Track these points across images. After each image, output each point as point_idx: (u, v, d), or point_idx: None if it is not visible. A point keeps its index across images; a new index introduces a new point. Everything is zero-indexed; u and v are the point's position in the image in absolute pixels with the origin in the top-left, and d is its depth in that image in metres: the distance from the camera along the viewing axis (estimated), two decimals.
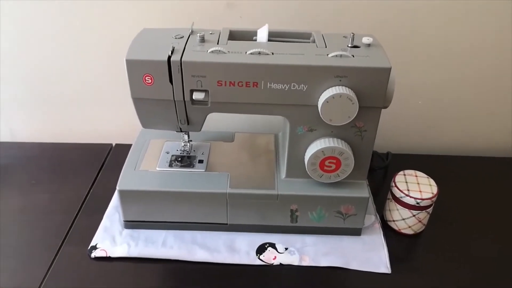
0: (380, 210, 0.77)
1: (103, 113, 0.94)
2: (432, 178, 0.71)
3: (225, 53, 0.59)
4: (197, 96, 0.60)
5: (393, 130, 0.93)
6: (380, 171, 0.88)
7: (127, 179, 0.68)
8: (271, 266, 0.66)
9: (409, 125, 0.94)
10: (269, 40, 0.64)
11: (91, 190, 0.81)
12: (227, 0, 0.79)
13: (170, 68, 0.58)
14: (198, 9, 0.80)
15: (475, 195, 0.82)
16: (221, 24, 0.67)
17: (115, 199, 0.76)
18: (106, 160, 0.89)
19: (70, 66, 0.87)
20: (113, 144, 0.93)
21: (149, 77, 0.59)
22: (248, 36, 0.65)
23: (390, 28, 0.81)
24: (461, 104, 0.91)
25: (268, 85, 0.59)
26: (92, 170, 0.86)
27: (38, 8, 0.80)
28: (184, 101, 0.61)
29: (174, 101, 0.61)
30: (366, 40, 0.62)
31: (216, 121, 0.91)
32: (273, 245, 0.69)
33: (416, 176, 0.72)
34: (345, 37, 0.64)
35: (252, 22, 0.67)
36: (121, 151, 0.80)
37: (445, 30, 0.82)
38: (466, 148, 0.97)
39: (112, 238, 0.69)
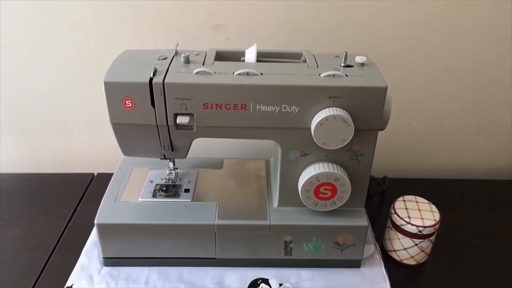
0: (379, 239, 0.72)
1: (84, 141, 0.89)
2: (433, 204, 0.67)
3: (211, 74, 0.55)
4: (182, 120, 0.56)
5: (389, 153, 0.90)
6: (377, 197, 0.84)
7: (106, 212, 0.63)
8: None
9: (405, 148, 0.91)
10: (258, 61, 0.61)
11: (69, 224, 0.75)
12: (215, 22, 0.76)
13: (152, 91, 0.54)
14: (183, 31, 0.77)
15: (479, 221, 0.78)
16: (207, 47, 0.64)
17: (94, 233, 0.70)
18: (87, 190, 0.84)
19: (48, 90, 0.83)
20: (95, 174, 0.88)
21: (130, 101, 0.55)
22: (236, 57, 0.62)
23: (382, 50, 0.79)
24: (460, 125, 0.88)
25: (258, 107, 0.56)
26: (71, 202, 0.80)
27: (14, 34, 0.77)
28: (168, 126, 0.57)
29: (157, 126, 0.57)
30: (359, 59, 0.59)
31: (203, 147, 0.86)
32: (266, 281, 0.64)
33: (417, 202, 0.67)
34: (337, 56, 0.62)
35: (240, 45, 0.65)
36: (103, 180, 0.75)
37: (441, 47, 0.80)
38: (466, 171, 0.93)
39: (90, 278, 0.63)
